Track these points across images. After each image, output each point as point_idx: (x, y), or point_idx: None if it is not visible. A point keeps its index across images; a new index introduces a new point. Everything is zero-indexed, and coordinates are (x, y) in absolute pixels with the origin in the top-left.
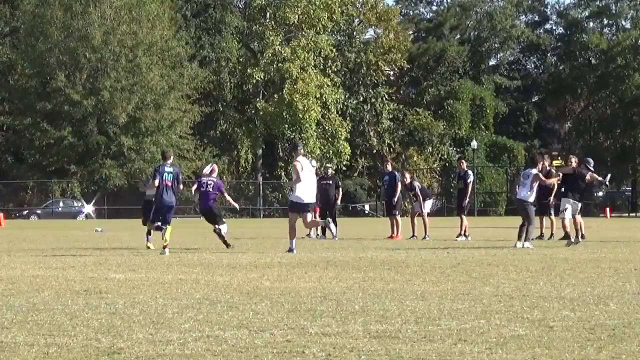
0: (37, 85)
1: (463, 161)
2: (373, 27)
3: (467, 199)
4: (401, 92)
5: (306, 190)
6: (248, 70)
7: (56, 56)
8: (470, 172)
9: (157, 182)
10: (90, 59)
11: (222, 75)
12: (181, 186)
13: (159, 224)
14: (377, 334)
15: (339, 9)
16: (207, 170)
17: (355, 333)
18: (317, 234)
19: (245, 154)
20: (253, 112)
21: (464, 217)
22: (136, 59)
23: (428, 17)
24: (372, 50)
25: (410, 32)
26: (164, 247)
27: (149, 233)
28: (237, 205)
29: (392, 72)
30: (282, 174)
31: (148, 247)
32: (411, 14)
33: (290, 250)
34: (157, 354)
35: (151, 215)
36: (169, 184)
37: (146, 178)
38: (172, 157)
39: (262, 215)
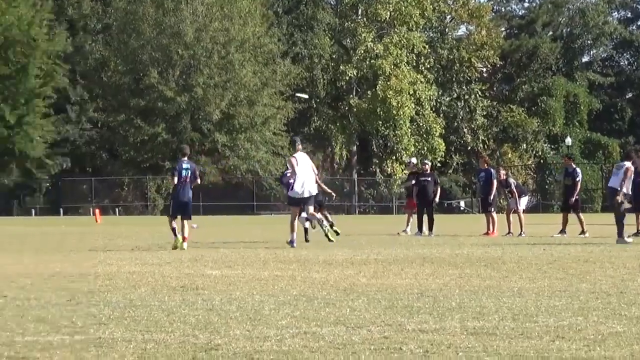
0: (131, 82)
1: (571, 158)
2: (465, 23)
3: (575, 197)
4: (494, 88)
5: (304, 184)
6: (341, 67)
7: (149, 53)
8: (578, 169)
9: (176, 180)
10: (182, 56)
11: (315, 72)
12: (198, 180)
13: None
14: (474, 331)
15: (431, 6)
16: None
17: (453, 330)
18: (416, 231)
19: (340, 150)
20: (347, 108)
21: (580, 214)
22: (229, 56)
23: (520, 13)
24: (464, 47)
25: (503, 28)
26: (184, 241)
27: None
28: None
29: (484, 69)
30: (377, 170)
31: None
32: (503, 10)
33: (290, 242)
34: (254, 350)
35: (171, 211)
36: (187, 180)
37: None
38: (188, 153)
39: (357, 212)
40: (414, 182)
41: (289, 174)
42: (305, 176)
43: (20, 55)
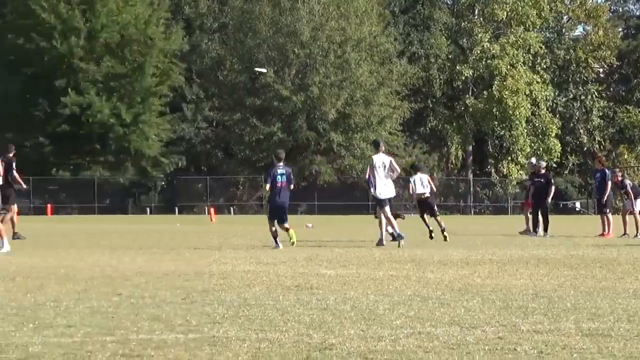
0: (246, 81)
1: None
2: (582, 23)
3: None
4: (611, 89)
5: (382, 187)
6: (457, 67)
7: (265, 52)
8: None
9: (267, 186)
10: (298, 55)
11: (431, 72)
12: (291, 186)
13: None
14: (589, 332)
15: (548, 6)
16: None
17: (567, 331)
18: (531, 232)
19: (455, 150)
20: (462, 108)
21: None
22: (345, 55)
23: (637, 14)
24: (581, 47)
25: (620, 29)
26: (287, 230)
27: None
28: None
29: (601, 69)
30: (492, 170)
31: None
32: (620, 10)
33: (399, 237)
34: (368, 350)
35: (269, 215)
36: (283, 185)
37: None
38: (284, 158)
39: (472, 212)
40: (530, 182)
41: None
42: (383, 179)
43: (136, 53)
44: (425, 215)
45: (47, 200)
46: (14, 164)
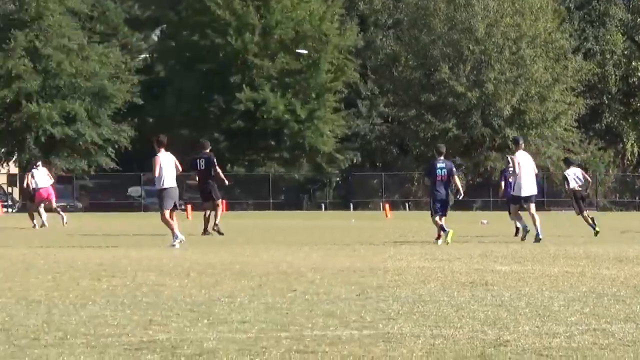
0: (421, 77)
1: None
2: None
3: None
4: None
5: (524, 183)
6: (633, 63)
7: (440, 48)
8: None
9: (427, 180)
10: (473, 51)
11: (606, 68)
12: (455, 178)
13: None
14: None
15: None
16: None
17: None
18: None
19: (631, 147)
20: (639, 105)
21: None
22: (520, 51)
23: None
24: None
25: None
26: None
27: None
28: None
29: None
30: None
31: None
32: None
33: (524, 230)
34: (543, 347)
35: (432, 210)
36: (444, 178)
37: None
38: (444, 152)
39: None
40: None
41: (510, 171)
42: (526, 176)
43: (311, 50)
44: (585, 212)
45: (222, 196)
46: (215, 160)
